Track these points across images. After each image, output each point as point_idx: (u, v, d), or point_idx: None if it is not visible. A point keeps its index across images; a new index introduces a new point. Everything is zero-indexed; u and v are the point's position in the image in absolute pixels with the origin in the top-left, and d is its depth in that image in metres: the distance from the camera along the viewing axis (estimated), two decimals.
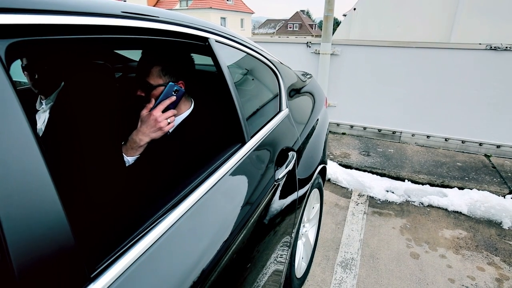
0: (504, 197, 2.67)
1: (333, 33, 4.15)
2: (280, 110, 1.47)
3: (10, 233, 0.35)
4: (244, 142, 1.03)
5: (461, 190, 2.76)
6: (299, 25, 49.57)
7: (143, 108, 0.99)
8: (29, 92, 1.23)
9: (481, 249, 2.12)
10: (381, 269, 1.92)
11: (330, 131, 4.19)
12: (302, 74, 2.10)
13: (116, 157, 0.92)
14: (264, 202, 1.03)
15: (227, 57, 1.05)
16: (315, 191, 1.78)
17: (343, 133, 4.18)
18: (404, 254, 2.06)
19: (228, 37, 1.08)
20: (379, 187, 2.86)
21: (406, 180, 2.97)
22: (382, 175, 3.10)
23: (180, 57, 1.08)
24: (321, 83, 3.86)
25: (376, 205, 2.65)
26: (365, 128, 4.06)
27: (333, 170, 3.08)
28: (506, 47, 3.18)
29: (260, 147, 1.12)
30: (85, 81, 1.01)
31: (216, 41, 0.99)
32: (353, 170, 3.16)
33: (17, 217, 0.36)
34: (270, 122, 1.31)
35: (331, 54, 3.87)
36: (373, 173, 3.13)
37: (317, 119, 1.86)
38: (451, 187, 2.84)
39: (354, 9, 6.97)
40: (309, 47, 3.98)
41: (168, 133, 1.04)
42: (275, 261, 1.14)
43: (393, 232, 2.29)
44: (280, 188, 1.17)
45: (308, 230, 1.82)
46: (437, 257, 2.03)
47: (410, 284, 1.81)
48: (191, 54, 1.17)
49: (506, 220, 2.39)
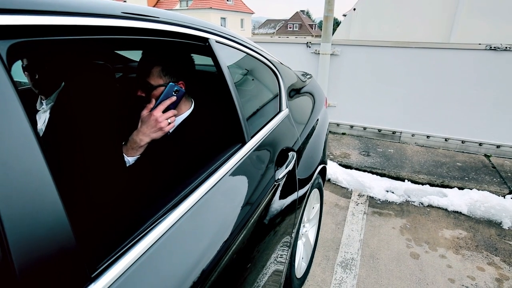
0: (504, 197, 2.67)
1: (333, 33, 4.15)
2: (280, 110, 1.47)
3: (11, 233, 0.35)
4: (244, 142, 1.03)
5: (461, 190, 2.76)
6: (299, 25, 49.59)
7: (143, 108, 0.99)
8: (30, 92, 1.23)
9: (481, 249, 2.12)
10: (381, 269, 1.93)
11: (330, 131, 4.19)
12: (302, 74, 2.10)
13: (116, 157, 0.92)
14: (264, 202, 1.03)
15: (227, 58, 1.05)
16: (315, 191, 1.79)
17: (343, 133, 4.18)
18: (404, 254, 2.06)
19: (228, 38, 1.09)
20: (379, 187, 2.86)
21: (406, 180, 2.97)
22: (382, 175, 3.10)
23: (180, 58, 1.08)
24: (321, 83, 3.86)
25: (376, 205, 2.65)
26: (365, 128, 4.06)
27: (333, 170, 3.08)
28: (506, 47, 3.18)
29: (260, 147, 1.12)
30: (86, 82, 1.01)
31: (216, 42, 0.99)
32: (353, 170, 3.16)
33: (19, 217, 0.36)
34: (270, 122, 1.31)
35: (331, 54, 3.87)
36: (373, 173, 3.13)
37: (317, 119, 1.86)
38: (451, 187, 2.84)
39: (354, 9, 6.97)
40: (309, 47, 3.98)
41: (169, 133, 1.04)
42: (275, 261, 1.14)
43: (393, 232, 2.29)
44: (280, 188, 1.17)
45: (308, 230, 1.82)
46: (437, 257, 2.03)
47: (410, 284, 1.81)
48: (191, 55, 1.17)
49: (506, 220, 2.39)
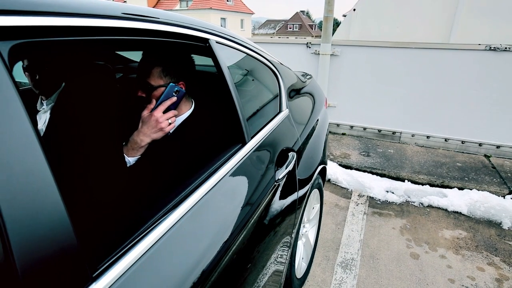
0: (504, 198, 2.67)
1: (333, 33, 4.16)
2: (280, 111, 1.47)
3: (14, 233, 0.35)
4: (244, 143, 1.03)
5: (461, 191, 2.76)
6: (299, 25, 49.62)
7: (144, 108, 1.00)
8: (30, 92, 1.23)
9: (481, 249, 2.12)
10: (381, 269, 1.93)
11: (330, 132, 4.19)
12: (302, 75, 2.10)
13: (117, 158, 0.92)
14: (265, 203, 1.03)
15: (227, 58, 1.05)
16: (315, 192, 1.79)
17: (343, 134, 4.19)
18: (404, 254, 2.06)
19: (228, 38, 1.09)
20: (379, 187, 2.86)
21: (406, 181, 2.97)
22: (382, 175, 3.10)
23: (180, 58, 1.08)
24: (321, 84, 3.86)
25: (376, 206, 2.65)
26: (365, 129, 4.07)
27: (333, 170, 3.08)
28: (506, 48, 3.18)
29: (261, 147, 1.13)
30: (86, 82, 1.01)
31: (216, 42, 0.99)
32: (353, 171, 3.16)
33: (21, 217, 0.37)
34: (270, 122, 1.31)
35: (331, 54, 3.87)
36: (373, 173, 3.13)
37: (317, 120, 1.87)
38: (451, 188, 2.84)
39: (354, 9, 6.98)
40: (309, 47, 3.99)
41: (169, 134, 1.04)
42: (275, 262, 1.14)
43: (393, 233, 2.29)
44: (280, 188, 1.18)
45: (308, 230, 1.82)
46: (437, 258, 2.04)
47: (410, 284, 1.81)
48: (192, 55, 1.17)
49: (506, 220, 2.39)
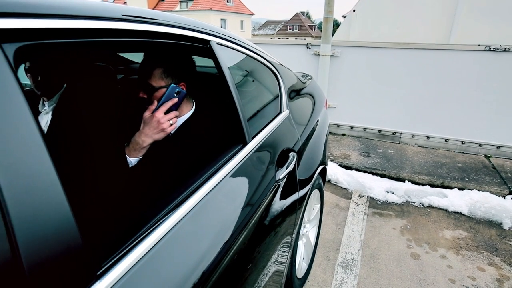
0: (504, 198, 2.67)
1: (333, 34, 4.16)
2: (280, 111, 1.48)
3: (20, 233, 0.36)
4: (245, 143, 1.03)
5: (461, 191, 2.77)
6: (299, 26, 49.69)
7: (145, 110, 1.00)
8: (32, 94, 1.24)
9: (481, 249, 2.13)
10: (381, 269, 1.93)
11: (330, 132, 4.20)
12: (302, 76, 2.11)
13: (119, 158, 0.93)
14: (265, 203, 1.04)
15: (228, 59, 1.06)
16: (316, 192, 1.79)
17: (343, 134, 4.19)
18: (405, 254, 2.06)
19: (229, 39, 1.09)
20: (380, 188, 2.86)
21: (406, 181, 2.97)
22: (382, 176, 3.10)
23: (181, 59, 1.09)
24: (321, 85, 3.87)
25: (377, 206, 2.65)
26: (365, 129, 4.07)
27: (334, 171, 3.09)
28: (505, 48, 3.18)
29: (261, 148, 1.13)
30: (87, 83, 1.02)
31: (217, 44, 1.00)
32: (354, 171, 3.16)
33: (27, 217, 0.37)
34: (271, 123, 1.31)
35: (331, 55, 3.88)
36: (373, 174, 3.14)
37: (317, 120, 1.87)
38: (451, 188, 2.84)
39: (354, 10, 7.00)
40: (309, 48, 4.00)
41: (170, 135, 1.05)
42: (276, 262, 1.15)
43: (393, 233, 2.29)
44: (280, 189, 1.18)
45: (308, 230, 1.83)
46: (438, 258, 2.04)
47: (411, 284, 1.82)
48: (192, 56, 1.18)
49: (507, 220, 2.39)
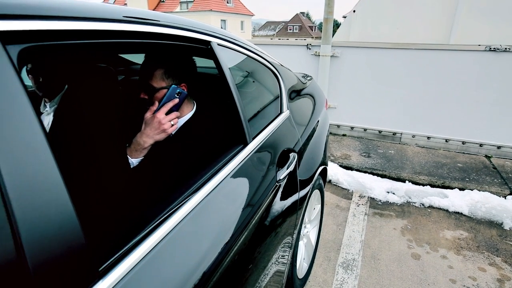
0: (505, 198, 2.67)
1: (333, 35, 4.17)
2: (281, 112, 1.48)
3: (25, 233, 0.36)
4: (246, 144, 1.04)
5: (462, 191, 2.76)
6: (299, 27, 49.72)
7: (146, 110, 1.00)
8: (33, 95, 1.25)
9: (482, 249, 2.12)
10: (382, 269, 1.93)
11: (330, 133, 4.20)
12: (303, 76, 2.11)
13: (120, 159, 0.93)
14: (266, 203, 1.04)
15: (228, 60, 1.06)
16: (316, 192, 1.79)
17: (344, 135, 4.19)
18: (405, 255, 2.06)
19: (229, 40, 1.10)
20: (380, 188, 2.86)
21: (407, 181, 2.97)
22: (383, 176, 3.10)
23: (182, 60, 1.10)
24: (321, 85, 3.87)
25: (377, 206, 2.65)
26: (365, 130, 4.07)
27: (334, 171, 3.09)
28: (506, 48, 3.19)
29: (262, 148, 1.13)
30: (88, 84, 1.02)
31: (218, 45, 1.00)
32: (354, 172, 3.16)
33: (32, 217, 0.38)
34: (271, 123, 1.32)
35: (331, 56, 3.88)
36: (373, 174, 3.14)
37: (318, 121, 1.87)
38: (452, 188, 2.84)
39: (354, 11, 7.01)
40: (309, 49, 4.00)
41: (171, 135, 1.05)
42: (277, 262, 1.15)
43: (394, 233, 2.29)
44: (281, 189, 1.18)
45: (309, 231, 1.83)
46: (438, 258, 2.04)
47: (412, 284, 1.81)
48: (193, 57, 1.18)
49: (507, 220, 2.39)
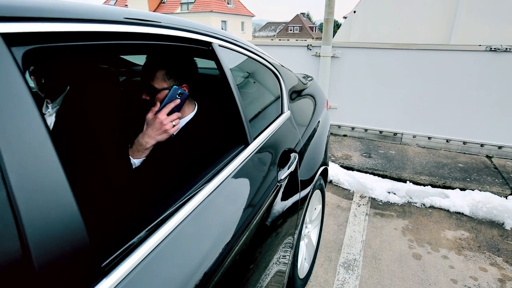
0: (506, 198, 2.67)
1: (333, 35, 4.17)
2: (282, 112, 1.49)
3: (30, 232, 0.37)
4: (247, 144, 1.04)
5: (463, 191, 2.76)
6: (300, 27, 49.74)
7: (148, 111, 1.01)
8: (35, 96, 1.25)
9: (483, 249, 2.12)
10: (383, 269, 1.93)
11: (331, 133, 4.20)
12: (303, 77, 2.12)
13: (122, 159, 0.94)
14: (267, 204, 1.04)
15: (229, 61, 1.07)
16: (317, 193, 1.80)
17: (345, 135, 4.19)
18: (406, 255, 2.06)
19: (230, 41, 1.10)
20: (381, 188, 2.86)
21: (408, 182, 2.97)
22: (384, 176, 3.10)
23: (183, 61, 1.10)
24: (322, 86, 3.88)
25: (378, 207, 2.65)
26: (366, 130, 4.07)
27: (335, 171, 3.09)
28: (506, 48, 3.19)
29: (263, 149, 1.14)
30: (90, 85, 1.03)
31: (219, 45, 1.01)
32: (355, 172, 3.16)
33: (37, 217, 0.38)
34: (272, 124, 1.32)
35: (331, 56, 3.89)
36: (374, 174, 3.14)
37: (318, 121, 1.88)
38: (453, 188, 2.84)
39: (354, 11, 7.02)
40: (310, 49, 4.00)
41: (173, 136, 1.06)
42: (278, 262, 1.15)
43: (395, 233, 2.29)
44: (282, 189, 1.19)
45: (310, 231, 1.83)
46: (440, 258, 2.04)
47: (413, 284, 1.81)
48: (194, 58, 1.19)
49: (508, 220, 2.39)
